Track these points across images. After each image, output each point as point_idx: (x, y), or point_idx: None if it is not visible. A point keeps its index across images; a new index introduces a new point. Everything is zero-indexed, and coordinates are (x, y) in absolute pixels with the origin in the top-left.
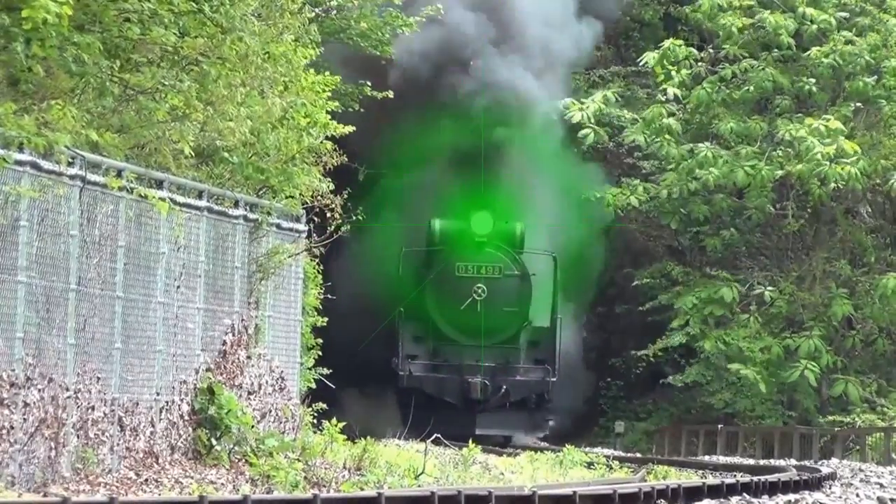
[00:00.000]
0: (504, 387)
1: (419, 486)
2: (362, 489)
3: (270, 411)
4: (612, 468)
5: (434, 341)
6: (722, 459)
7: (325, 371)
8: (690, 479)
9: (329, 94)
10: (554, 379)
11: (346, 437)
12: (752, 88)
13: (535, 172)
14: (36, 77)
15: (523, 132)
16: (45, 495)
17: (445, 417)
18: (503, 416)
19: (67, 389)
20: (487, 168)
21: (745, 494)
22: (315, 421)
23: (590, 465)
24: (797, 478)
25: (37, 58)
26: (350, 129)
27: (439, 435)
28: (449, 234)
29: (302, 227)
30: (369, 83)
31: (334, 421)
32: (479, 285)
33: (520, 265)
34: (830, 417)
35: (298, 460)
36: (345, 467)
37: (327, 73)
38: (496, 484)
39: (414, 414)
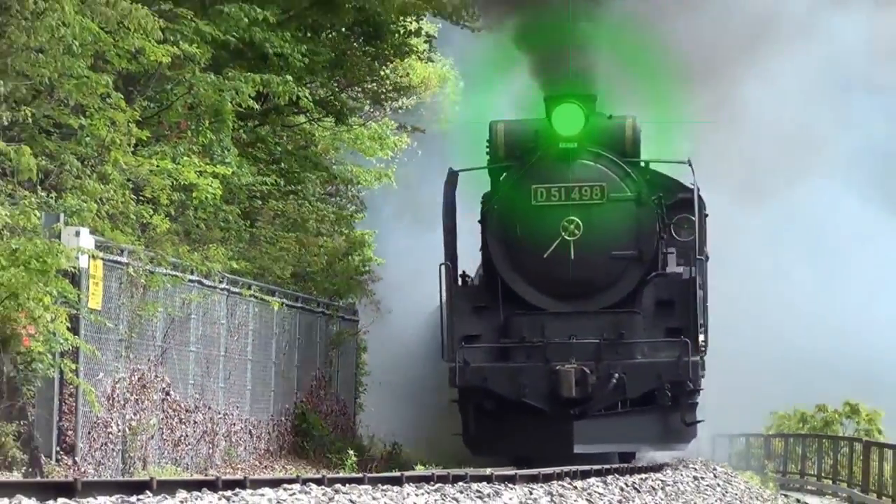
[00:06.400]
0: (616, 374)
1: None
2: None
3: (338, 426)
4: None
5: (504, 311)
6: None
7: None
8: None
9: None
10: (697, 358)
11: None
12: None
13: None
14: (200, 231)
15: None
16: (206, 475)
17: (526, 430)
18: (617, 421)
19: (219, 413)
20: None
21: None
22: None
23: None
24: (645, 464)
25: (200, 219)
26: (381, 262)
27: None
28: (519, 141)
29: (357, 318)
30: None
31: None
32: (571, 218)
33: (635, 182)
34: None
35: (356, 454)
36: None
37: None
38: None
39: (480, 427)
